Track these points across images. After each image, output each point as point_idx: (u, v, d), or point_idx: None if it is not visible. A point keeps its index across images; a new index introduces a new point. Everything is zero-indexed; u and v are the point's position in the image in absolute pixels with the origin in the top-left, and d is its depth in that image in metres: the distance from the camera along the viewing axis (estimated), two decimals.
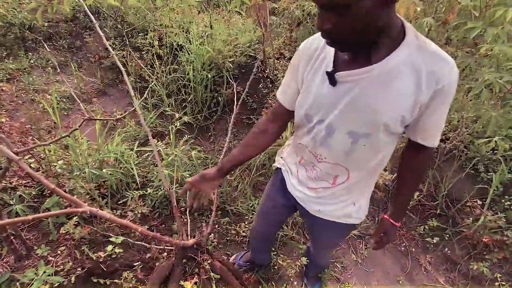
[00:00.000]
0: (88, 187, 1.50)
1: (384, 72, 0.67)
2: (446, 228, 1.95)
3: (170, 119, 2.63)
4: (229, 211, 1.95)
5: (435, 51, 0.67)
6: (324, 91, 0.76)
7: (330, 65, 0.74)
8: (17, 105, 2.69)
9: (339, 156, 0.81)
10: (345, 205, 0.93)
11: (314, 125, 0.82)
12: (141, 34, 3.24)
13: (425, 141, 0.77)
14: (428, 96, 0.68)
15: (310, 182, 0.93)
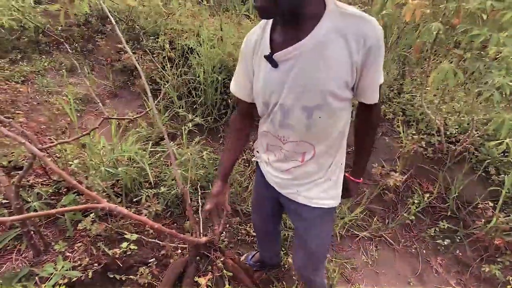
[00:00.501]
0: (104, 185, 1.53)
1: (315, 44, 0.72)
2: (457, 230, 1.94)
3: (180, 120, 2.67)
4: (239, 211, 1.97)
5: (356, 13, 0.72)
6: (270, 74, 0.80)
7: (268, 48, 0.78)
8: (32, 106, 2.75)
9: (301, 133, 0.85)
10: (321, 181, 0.95)
11: (271, 109, 0.86)
12: (152, 37, 3.31)
13: (367, 99, 0.82)
14: (360, 56, 0.72)
15: (281, 164, 0.96)
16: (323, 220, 1.02)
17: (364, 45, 0.71)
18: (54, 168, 1.04)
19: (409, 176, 2.17)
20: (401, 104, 2.63)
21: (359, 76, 0.76)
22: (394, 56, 2.85)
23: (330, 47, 0.71)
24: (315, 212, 0.98)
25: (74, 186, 1.09)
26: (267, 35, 0.80)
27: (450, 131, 2.32)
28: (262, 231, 1.44)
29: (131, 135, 2.16)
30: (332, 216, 1.06)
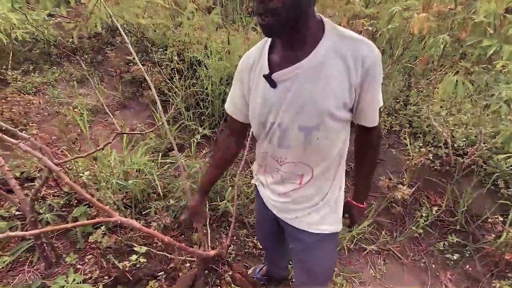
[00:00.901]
0: (115, 198, 1.55)
1: (314, 64, 0.73)
2: (467, 244, 1.92)
3: (188, 131, 2.70)
4: (247, 223, 1.98)
5: (354, 36, 0.74)
6: (269, 94, 0.81)
7: (266, 68, 0.80)
8: (43, 117, 2.81)
9: (299, 154, 0.85)
10: (320, 206, 0.93)
11: (269, 129, 0.86)
12: (160, 49, 3.38)
13: (366, 122, 0.82)
14: (359, 78, 0.73)
15: (279, 186, 0.95)
16: (324, 245, 0.99)
17: (362, 66, 0.72)
18: (70, 184, 1.06)
19: (417, 188, 2.16)
20: (408, 116, 2.63)
21: (358, 98, 0.77)
22: (399, 67, 2.87)
23: (328, 68, 0.73)
24: (315, 237, 0.96)
25: (89, 200, 1.11)
26: (265, 55, 0.81)
27: (457, 144, 2.31)
28: (267, 247, 1.43)
29: (140, 146, 2.19)
30: (334, 240, 1.03)
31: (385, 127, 2.59)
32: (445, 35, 1.71)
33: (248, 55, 0.88)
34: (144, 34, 3.66)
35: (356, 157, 0.96)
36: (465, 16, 1.68)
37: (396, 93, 2.78)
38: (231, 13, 3.97)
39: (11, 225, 1.51)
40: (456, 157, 2.24)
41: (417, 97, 2.78)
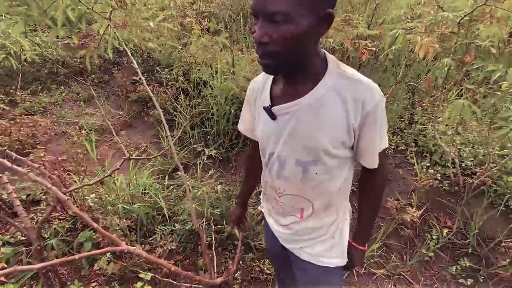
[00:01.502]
0: (122, 224, 1.54)
1: (314, 102, 0.73)
2: (480, 269, 1.86)
3: (193, 150, 2.71)
4: (253, 247, 1.94)
5: (357, 77, 0.73)
6: (269, 125, 0.82)
7: (268, 101, 0.81)
8: (50, 137, 2.84)
9: (297, 187, 0.84)
10: (324, 239, 0.92)
11: (268, 159, 0.87)
12: (166, 69, 3.43)
13: (366, 163, 0.81)
14: (357, 120, 0.73)
15: (280, 218, 0.95)
16: (328, 278, 0.96)
17: (362, 109, 0.72)
18: (78, 213, 1.06)
19: (426, 210, 2.13)
20: (413, 134, 2.62)
21: (357, 139, 0.77)
22: (403, 86, 2.88)
23: (327, 106, 0.73)
24: (320, 269, 0.94)
25: (96, 229, 1.10)
26: (268, 86, 0.83)
27: (465, 163, 2.29)
28: (276, 268, 1.41)
29: (146, 168, 2.19)
30: (340, 273, 1.00)
31: (391, 146, 2.58)
32: (448, 59, 1.72)
33: (255, 81, 0.90)
34: (150, 55, 3.73)
35: (359, 198, 0.95)
36: (468, 40, 1.70)
37: (401, 111, 2.78)
38: (235, 33, 4.06)
39: (16, 251, 1.50)
40: (465, 177, 2.21)
41: (421, 116, 2.77)
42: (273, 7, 0.60)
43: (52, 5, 1.43)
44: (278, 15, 0.61)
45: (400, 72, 2.71)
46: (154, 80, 3.44)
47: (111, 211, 1.64)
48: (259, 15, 0.64)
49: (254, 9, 0.64)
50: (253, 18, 0.66)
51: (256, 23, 0.65)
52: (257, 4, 0.63)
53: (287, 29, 0.62)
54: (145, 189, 1.89)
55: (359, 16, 2.84)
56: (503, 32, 1.67)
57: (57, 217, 1.79)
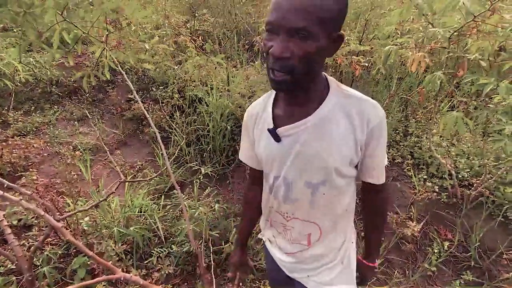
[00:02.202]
0: (117, 248, 1.49)
1: (320, 121, 0.73)
2: (483, 282, 1.84)
3: (190, 168, 2.68)
4: (253, 267, 1.89)
5: (358, 95, 0.75)
6: (272, 148, 0.80)
7: (270, 123, 0.79)
8: (43, 158, 2.78)
9: (305, 210, 0.82)
10: (332, 265, 0.89)
11: (272, 183, 0.84)
12: (161, 87, 3.44)
13: (372, 179, 0.81)
14: (364, 136, 0.73)
15: (287, 246, 0.91)
16: None
17: (367, 125, 0.73)
18: (72, 241, 1.02)
19: (426, 223, 2.11)
20: (409, 147, 2.64)
21: (363, 156, 0.77)
22: (396, 99, 2.93)
23: (334, 125, 0.73)
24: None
25: (91, 257, 1.06)
26: (269, 109, 0.81)
27: (461, 174, 2.30)
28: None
29: (141, 187, 2.15)
30: None
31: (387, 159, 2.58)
32: (440, 73, 1.75)
33: (252, 107, 0.89)
34: (145, 73, 3.75)
35: (364, 217, 0.94)
36: (458, 54, 1.74)
37: (395, 124, 2.81)
38: (229, 50, 4.12)
39: (6, 281, 1.43)
40: (462, 188, 2.21)
41: (415, 128, 2.80)
42: (299, 22, 0.61)
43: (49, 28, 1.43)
44: (302, 30, 0.61)
45: (392, 86, 2.76)
46: (149, 98, 3.44)
47: (106, 235, 1.59)
48: (279, 29, 0.63)
49: (275, 24, 0.63)
50: (267, 33, 0.65)
51: (271, 38, 0.65)
52: (280, 19, 0.62)
53: (309, 45, 0.63)
54: (141, 210, 1.85)
55: (351, 32, 2.91)
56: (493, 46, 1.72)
57: (50, 242, 1.73)
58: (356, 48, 2.50)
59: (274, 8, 0.63)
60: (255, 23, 4.00)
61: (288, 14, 0.61)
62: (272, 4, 0.63)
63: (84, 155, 2.49)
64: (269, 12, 0.64)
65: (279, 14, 0.62)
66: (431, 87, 1.86)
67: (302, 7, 0.60)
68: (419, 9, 1.56)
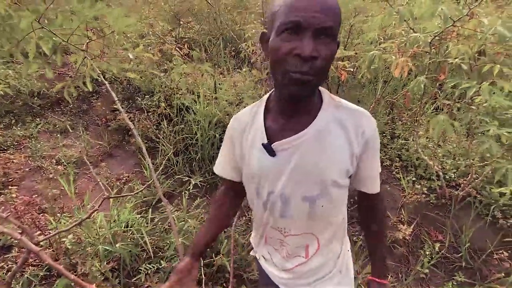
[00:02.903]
0: (103, 268, 1.42)
1: (316, 134, 0.72)
2: (475, 283, 1.85)
3: (178, 179, 2.62)
4: (246, 279, 1.85)
5: (352, 107, 0.75)
6: (266, 162, 0.76)
7: (264, 137, 0.76)
8: (24, 173, 2.68)
9: (303, 224, 0.80)
10: (332, 275, 0.88)
11: (267, 198, 0.80)
12: (147, 96, 3.38)
13: (368, 189, 0.81)
14: (359, 148, 0.74)
15: (284, 262, 0.88)
16: None
17: (362, 137, 0.73)
18: (52, 264, 0.96)
19: (416, 225, 2.12)
20: (396, 149, 2.67)
21: (358, 166, 0.77)
22: (382, 102, 2.96)
23: (330, 136, 0.72)
24: None
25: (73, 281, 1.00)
26: (259, 122, 0.78)
27: (448, 175, 2.33)
28: None
29: (128, 200, 2.08)
30: None
31: None
32: (423, 77, 1.78)
33: (238, 119, 0.84)
34: (130, 82, 3.68)
35: (365, 229, 0.91)
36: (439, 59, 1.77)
37: (382, 127, 2.84)
38: (216, 57, 4.10)
39: None
40: (450, 189, 2.24)
41: (402, 130, 2.84)
42: (328, 22, 0.59)
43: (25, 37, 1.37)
44: (330, 30, 0.60)
45: (378, 89, 2.79)
46: (135, 107, 3.38)
47: (91, 253, 1.52)
48: (306, 29, 0.59)
49: (302, 23, 0.59)
50: (284, 34, 0.61)
51: (291, 39, 0.61)
52: (309, 17, 0.59)
53: (333, 46, 0.62)
54: (127, 225, 1.79)
55: None
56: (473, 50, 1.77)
57: (31, 264, 1.64)
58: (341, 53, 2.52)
59: (296, 7, 0.59)
60: (240, 29, 4.01)
61: (317, 13, 0.59)
62: (291, 3, 0.60)
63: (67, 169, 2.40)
64: (286, 12, 0.60)
65: (307, 13, 0.59)
66: (416, 91, 1.89)
67: (329, 7, 0.60)
68: (400, 15, 1.58)
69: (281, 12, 0.61)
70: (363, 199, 0.86)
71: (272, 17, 0.65)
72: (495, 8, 2.95)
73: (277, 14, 0.62)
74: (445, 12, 1.46)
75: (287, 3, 0.60)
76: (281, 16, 0.61)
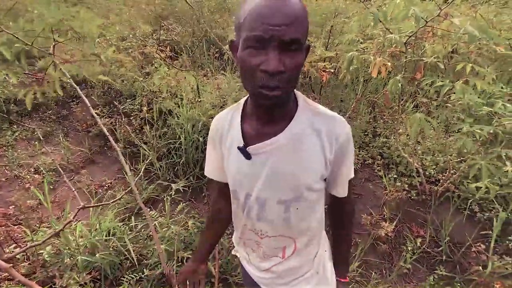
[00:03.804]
0: (82, 279, 1.38)
1: (291, 139, 0.73)
2: (455, 276, 1.90)
3: (162, 183, 2.58)
4: (232, 283, 1.84)
5: (326, 113, 0.75)
6: (242, 165, 0.78)
7: (240, 140, 0.77)
8: (0, 183, 2.58)
9: (279, 227, 0.81)
10: (308, 276, 0.89)
11: (244, 201, 0.82)
12: (129, 100, 3.32)
13: (338, 192, 0.82)
14: (332, 153, 0.74)
15: (262, 263, 0.89)
16: None
17: (336, 143, 0.73)
18: (24, 281, 0.92)
19: (398, 221, 2.17)
20: (378, 148, 2.71)
21: (331, 171, 0.78)
22: (364, 102, 3.01)
23: (305, 142, 0.73)
24: None
25: None
26: (236, 124, 0.79)
27: (428, 171, 2.39)
28: None
29: (110, 208, 2.04)
30: None
31: (358, 161, 2.64)
32: (399, 77, 1.82)
33: (217, 121, 0.85)
34: (111, 86, 3.60)
35: (332, 230, 0.94)
36: (415, 58, 1.81)
37: (364, 126, 2.89)
38: (199, 58, 4.06)
39: None
40: (430, 185, 2.30)
41: (383, 128, 2.89)
42: (293, 34, 0.58)
43: None
44: (295, 41, 0.59)
45: (359, 89, 2.83)
46: (116, 112, 3.31)
47: (69, 265, 1.48)
48: (271, 42, 0.58)
49: (266, 36, 0.57)
50: (251, 49, 0.60)
51: (257, 53, 0.60)
52: (274, 30, 0.57)
53: (299, 57, 0.62)
54: (109, 234, 1.74)
55: (317, 38, 2.97)
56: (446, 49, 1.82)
57: (7, 278, 1.58)
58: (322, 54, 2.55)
59: (261, 20, 0.57)
60: (224, 31, 3.99)
61: (282, 25, 0.57)
62: (255, 16, 0.57)
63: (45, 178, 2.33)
64: (251, 24, 0.58)
65: (271, 26, 0.57)
66: (394, 90, 1.93)
67: (294, 18, 0.57)
68: (374, 17, 1.61)
69: (247, 24, 0.60)
70: (332, 201, 0.88)
71: (238, 27, 0.64)
72: (469, 8, 3.05)
73: (243, 26, 0.61)
74: (417, 13, 1.50)
75: (252, 14, 0.58)
76: (246, 29, 0.60)
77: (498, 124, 1.52)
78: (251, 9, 0.59)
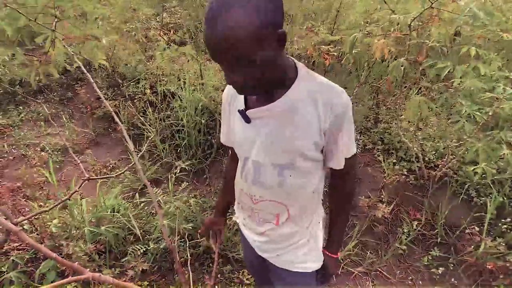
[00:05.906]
0: (88, 250, 1.45)
1: (287, 106, 0.75)
2: (449, 257, 1.95)
3: (165, 163, 2.64)
4: (231, 258, 1.90)
5: (326, 82, 0.76)
6: (244, 129, 0.82)
7: (242, 104, 0.82)
8: (7, 161, 2.65)
9: (272, 192, 0.84)
10: (300, 244, 0.92)
11: (243, 164, 0.87)
12: (132, 83, 3.34)
13: (334, 164, 0.83)
14: (327, 123, 0.75)
15: (256, 226, 0.94)
16: (305, 283, 0.96)
17: (331, 113, 0.74)
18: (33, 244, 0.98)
19: (396, 205, 2.20)
20: (379, 133, 2.73)
21: (327, 142, 0.79)
22: (367, 87, 3.00)
23: (301, 109, 0.75)
24: (297, 275, 0.94)
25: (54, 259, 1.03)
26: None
27: (428, 157, 2.41)
28: (256, 280, 1.39)
29: (114, 186, 2.10)
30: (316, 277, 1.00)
31: (358, 146, 2.66)
32: (402, 59, 1.81)
33: (227, 89, 0.91)
34: (115, 68, 3.62)
35: (330, 204, 0.96)
36: (419, 41, 1.80)
37: (366, 111, 2.89)
38: (202, 44, 4.05)
39: None
40: (429, 170, 2.32)
41: (386, 115, 2.89)
42: (236, 53, 0.60)
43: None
44: (240, 60, 0.62)
45: (362, 74, 2.82)
46: (120, 94, 3.33)
47: (76, 236, 1.54)
48: (220, 62, 0.65)
49: (215, 59, 0.64)
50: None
51: (222, 67, 0.67)
52: (218, 54, 0.62)
53: (251, 69, 0.64)
54: (113, 210, 1.80)
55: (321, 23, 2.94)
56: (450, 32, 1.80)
57: (16, 248, 1.66)
58: (326, 38, 2.53)
59: (207, 44, 0.62)
60: None
61: (222, 49, 0.60)
62: (206, 42, 0.62)
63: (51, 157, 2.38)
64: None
65: (214, 51, 0.62)
66: (395, 73, 1.93)
67: (234, 41, 0.58)
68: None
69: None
70: (333, 178, 0.90)
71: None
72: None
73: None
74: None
75: (204, 34, 0.62)
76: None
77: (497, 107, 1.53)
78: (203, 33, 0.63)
